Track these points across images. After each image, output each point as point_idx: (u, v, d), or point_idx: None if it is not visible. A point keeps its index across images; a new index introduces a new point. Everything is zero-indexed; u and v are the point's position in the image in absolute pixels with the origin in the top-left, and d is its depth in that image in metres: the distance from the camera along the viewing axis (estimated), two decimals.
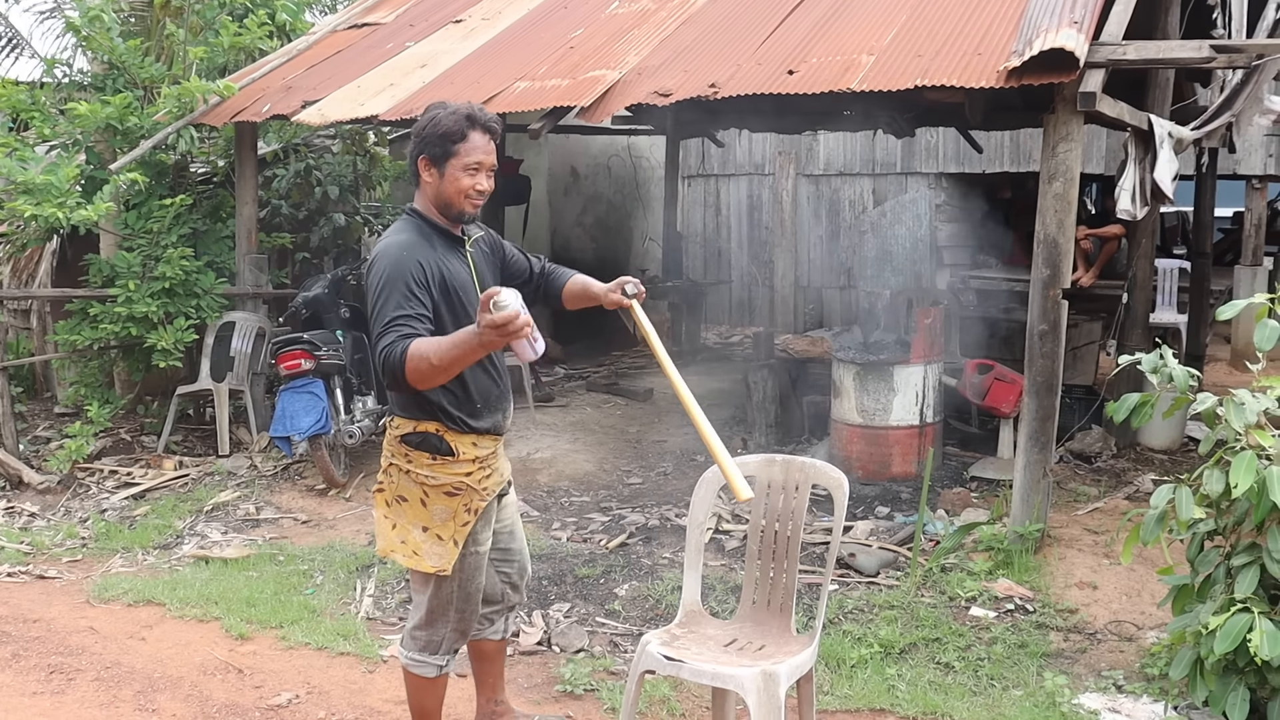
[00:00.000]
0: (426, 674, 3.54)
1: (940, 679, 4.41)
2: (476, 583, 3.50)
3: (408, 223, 3.42)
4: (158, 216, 7.80)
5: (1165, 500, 3.83)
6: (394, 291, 3.16)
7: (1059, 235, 5.09)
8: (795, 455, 7.52)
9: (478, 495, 3.41)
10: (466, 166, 3.30)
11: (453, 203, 3.35)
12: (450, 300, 3.31)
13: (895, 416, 6.81)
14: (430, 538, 3.40)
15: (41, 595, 5.52)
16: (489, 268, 3.57)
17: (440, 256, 3.33)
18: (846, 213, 12.18)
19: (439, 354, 3.02)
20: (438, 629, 3.50)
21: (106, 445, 8.09)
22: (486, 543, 3.51)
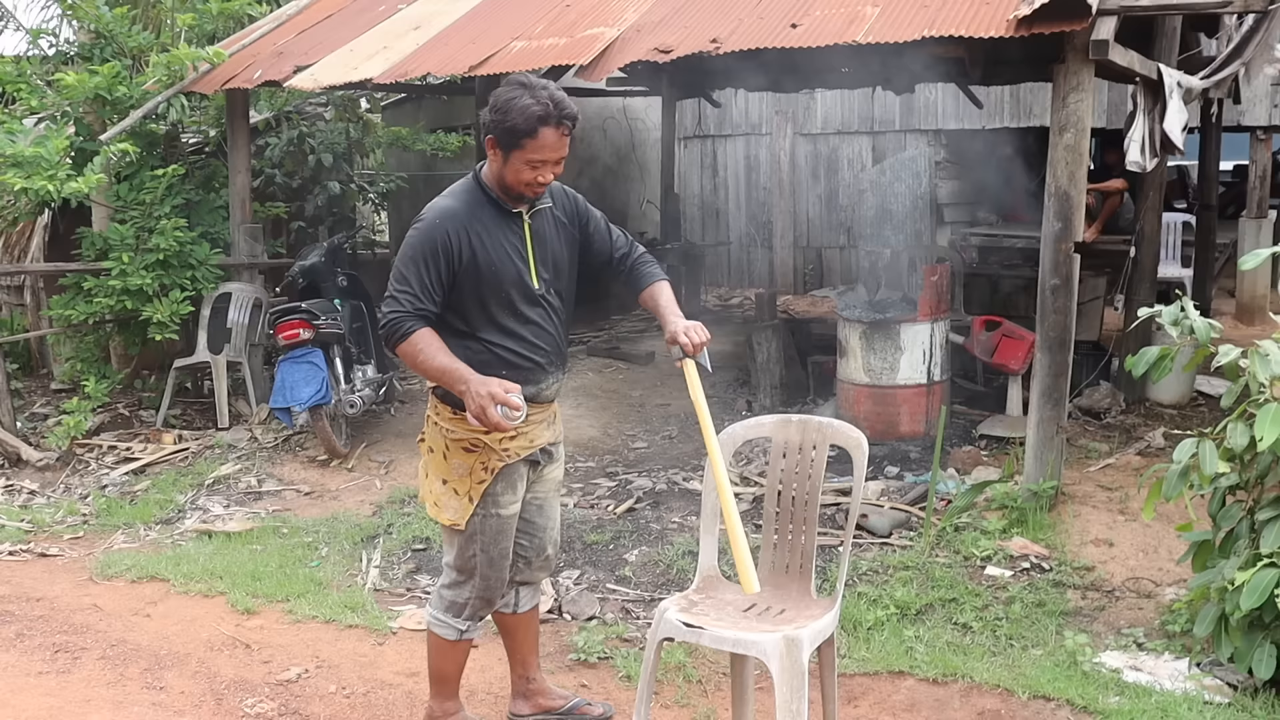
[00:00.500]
0: (447, 635, 3.51)
1: (958, 640, 4.36)
2: (502, 547, 3.44)
3: (464, 187, 3.38)
4: (150, 188, 7.68)
5: (1188, 455, 3.76)
6: (417, 258, 3.22)
7: (1070, 188, 5.00)
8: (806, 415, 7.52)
9: (496, 455, 3.35)
10: (531, 161, 3.20)
11: (511, 188, 3.28)
12: (476, 274, 3.27)
13: (903, 375, 6.73)
14: (449, 491, 3.41)
15: (44, 573, 5.45)
16: (558, 239, 3.46)
17: (482, 229, 3.28)
18: (845, 171, 12.04)
19: (427, 363, 3.19)
20: (462, 590, 3.47)
21: (105, 420, 8.00)
22: (511, 507, 3.45)
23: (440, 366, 3.17)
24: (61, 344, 8.67)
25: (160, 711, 3.97)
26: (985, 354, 6.77)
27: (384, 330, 3.24)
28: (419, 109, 12.70)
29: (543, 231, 3.42)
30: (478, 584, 3.45)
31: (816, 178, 12.26)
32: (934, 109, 11.09)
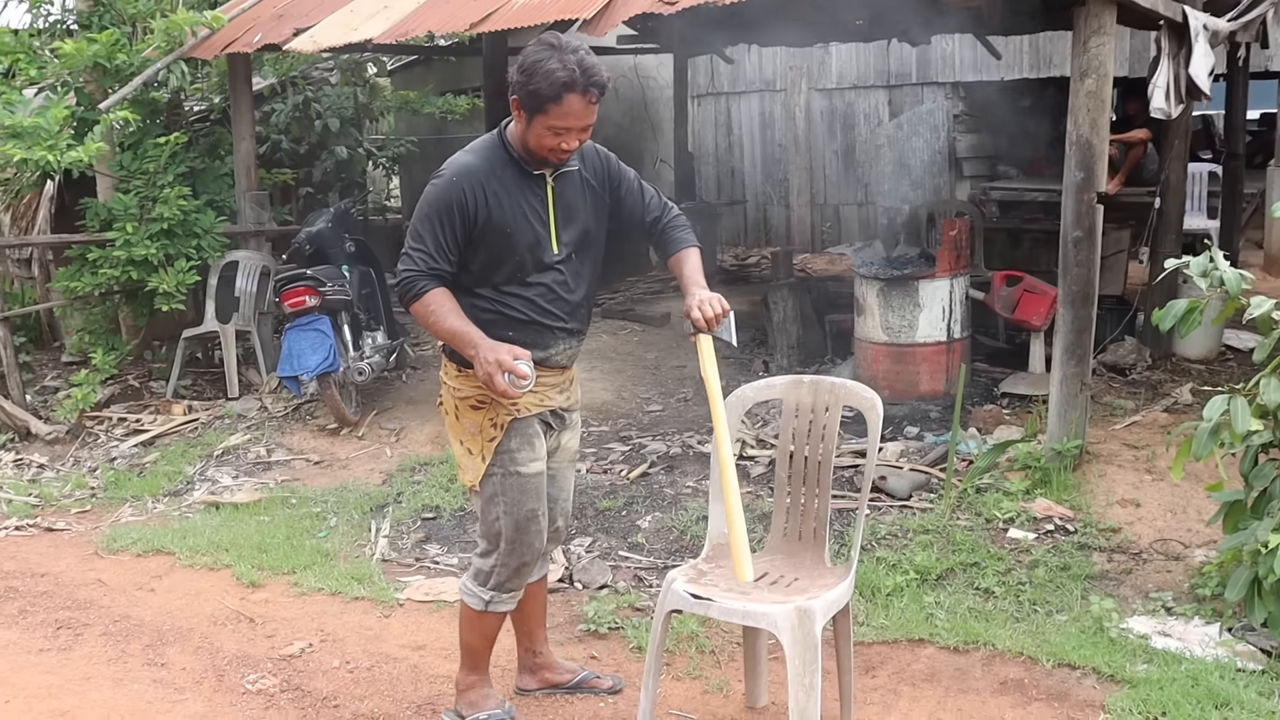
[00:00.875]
0: (473, 605, 3.41)
1: (980, 605, 4.23)
2: (528, 509, 3.31)
3: (486, 144, 3.24)
4: (153, 156, 7.55)
5: (1219, 412, 3.60)
6: (433, 216, 3.14)
7: (1093, 136, 4.81)
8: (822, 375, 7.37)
9: (504, 410, 3.24)
10: (554, 128, 3.05)
11: (534, 151, 3.14)
12: (492, 235, 3.16)
13: (922, 333, 6.57)
14: (465, 452, 3.35)
15: (50, 548, 5.38)
16: (584, 203, 3.31)
17: (500, 188, 3.16)
18: (862, 127, 11.81)
19: (438, 324, 3.13)
20: (489, 558, 3.37)
21: (115, 393, 7.93)
22: (532, 465, 3.31)
23: (451, 329, 3.11)
24: (71, 316, 8.58)
25: (161, 689, 3.89)
26: (1006, 310, 6.59)
27: (398, 288, 3.18)
28: (428, 72, 12.52)
29: (567, 195, 3.27)
30: (504, 550, 3.33)
31: (833, 134, 12.03)
32: (951, 61, 10.83)
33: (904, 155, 11.30)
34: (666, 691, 3.73)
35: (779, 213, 12.71)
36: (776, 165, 12.61)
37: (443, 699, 3.72)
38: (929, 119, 11.03)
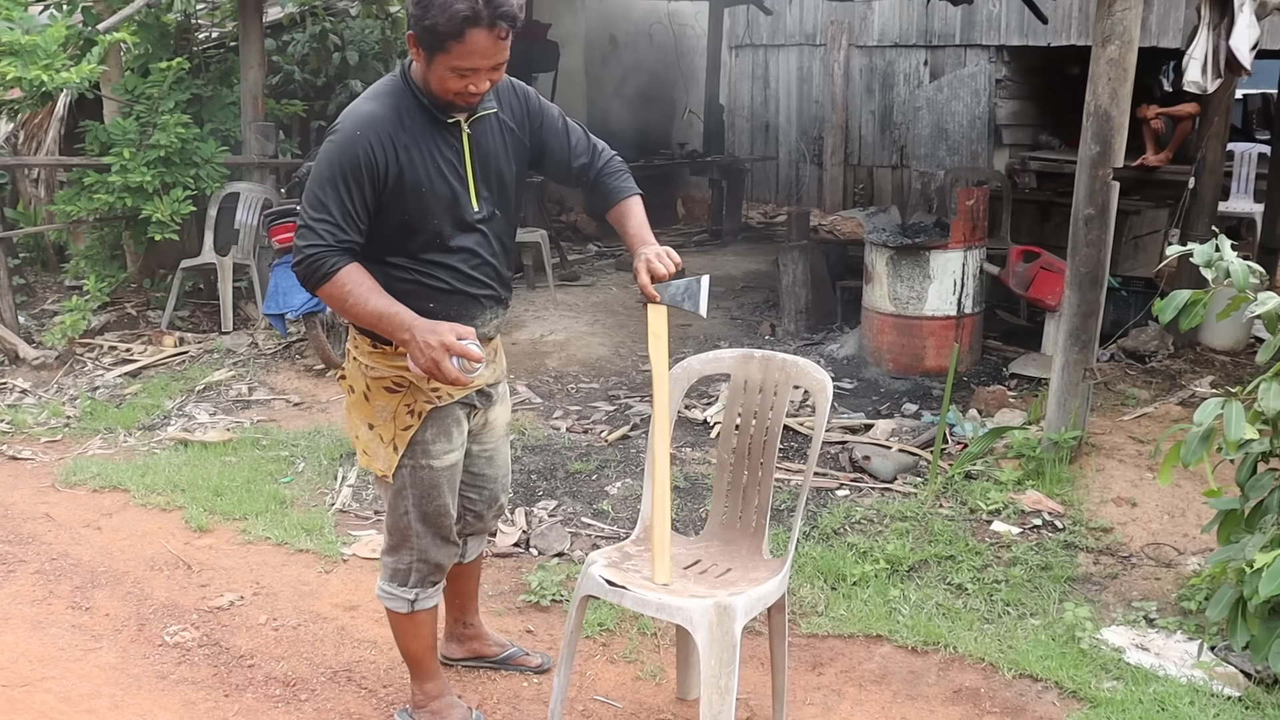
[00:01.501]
0: (398, 609, 3.08)
1: (949, 603, 3.97)
2: (437, 504, 2.98)
3: (388, 87, 2.80)
4: (155, 81, 7.36)
5: (1212, 416, 3.30)
6: (335, 178, 2.68)
7: (1112, 107, 4.46)
8: (823, 344, 7.10)
9: (424, 395, 2.89)
10: (458, 69, 2.63)
11: (437, 96, 2.72)
12: (402, 196, 2.75)
13: (930, 305, 6.26)
14: (375, 437, 2.97)
15: (9, 478, 5.25)
16: (504, 150, 2.91)
17: (410, 141, 2.73)
18: (901, 87, 11.39)
19: (357, 307, 2.71)
20: (401, 555, 3.04)
21: (111, 320, 7.82)
22: (447, 458, 2.97)
23: (375, 311, 2.69)
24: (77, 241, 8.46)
25: (78, 635, 3.74)
26: (1021, 287, 6.26)
27: (300, 269, 2.70)
28: None
29: (485, 142, 2.86)
30: (416, 545, 3.01)
31: (871, 93, 11.62)
32: (997, 23, 10.37)
33: (942, 119, 10.90)
34: (598, 674, 3.53)
35: (811, 171, 12.34)
36: (812, 123, 12.23)
37: (362, 665, 3.55)
38: (970, 83, 10.62)
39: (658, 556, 2.83)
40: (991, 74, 10.39)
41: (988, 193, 6.46)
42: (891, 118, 11.54)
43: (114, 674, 3.49)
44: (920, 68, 11.16)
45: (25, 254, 9.09)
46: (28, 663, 3.56)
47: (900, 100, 11.41)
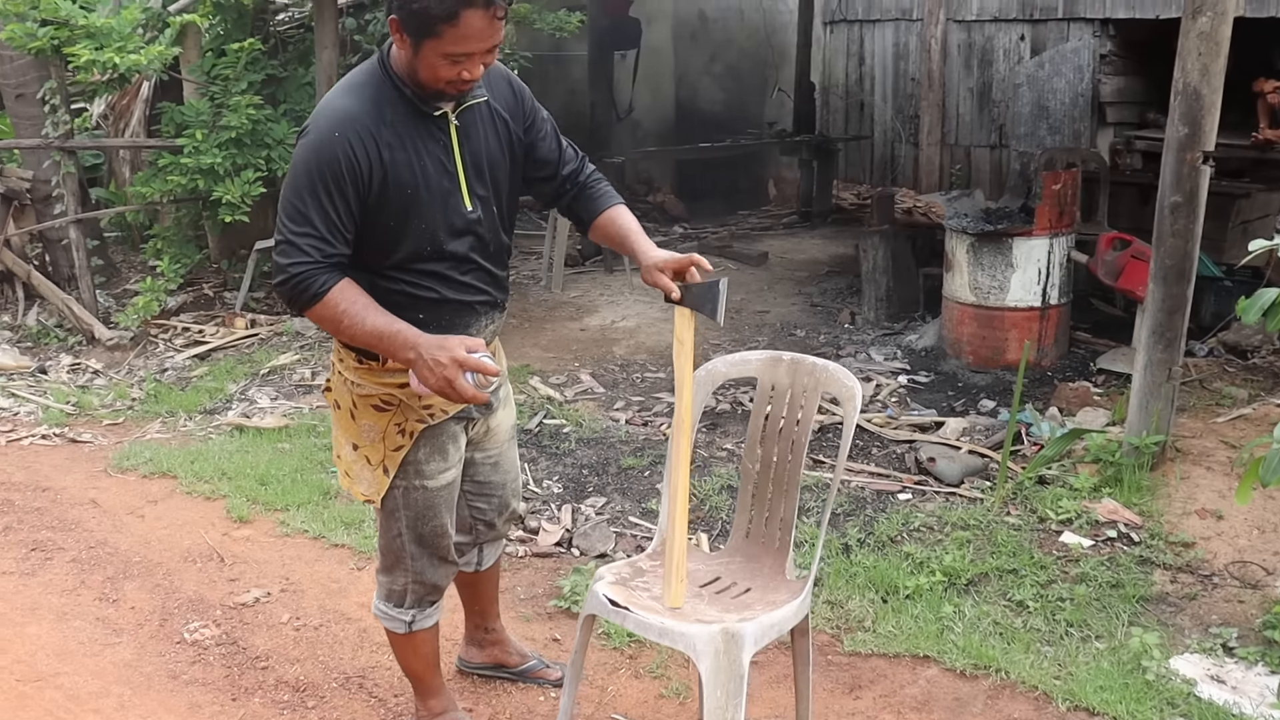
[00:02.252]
0: (395, 629, 2.92)
1: (1007, 621, 3.69)
2: (433, 525, 2.79)
3: (365, 78, 2.55)
4: (228, 63, 7.35)
5: None
6: (315, 186, 2.43)
7: (1202, 85, 4.09)
8: (902, 334, 6.78)
9: (415, 414, 2.68)
10: (450, 54, 2.40)
11: (425, 86, 2.49)
12: (391, 200, 2.52)
13: (1013, 296, 5.91)
14: (360, 459, 2.75)
15: (66, 460, 5.28)
16: (497, 141, 2.68)
17: (394, 138, 2.50)
18: (1000, 64, 10.87)
19: (355, 327, 2.47)
20: (396, 576, 2.87)
21: (188, 300, 7.88)
22: (440, 477, 2.77)
23: (374, 330, 2.46)
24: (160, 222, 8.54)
25: (99, 628, 3.69)
26: (1110, 276, 5.86)
27: (286, 290, 2.47)
28: None
29: (475, 134, 2.63)
30: (411, 566, 2.83)
31: (969, 69, 11.13)
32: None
33: (1043, 97, 10.38)
34: (620, 689, 3.35)
35: (907, 151, 11.90)
36: (908, 100, 11.78)
37: (376, 672, 3.42)
38: (1073, 58, 10.08)
39: (670, 578, 2.62)
40: (1096, 49, 9.83)
41: (1077, 175, 6.07)
42: (990, 95, 11.04)
43: (127, 672, 3.43)
44: (1020, 43, 10.65)
45: (115, 234, 9.23)
46: (45, 657, 3.52)
47: (999, 77, 10.90)
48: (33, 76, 7.55)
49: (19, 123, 7.75)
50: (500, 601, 3.73)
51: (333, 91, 2.57)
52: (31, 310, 7.59)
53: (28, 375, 6.56)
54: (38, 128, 7.55)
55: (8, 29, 6.82)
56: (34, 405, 6.00)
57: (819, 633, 3.66)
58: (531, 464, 5.08)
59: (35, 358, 6.90)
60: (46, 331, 7.30)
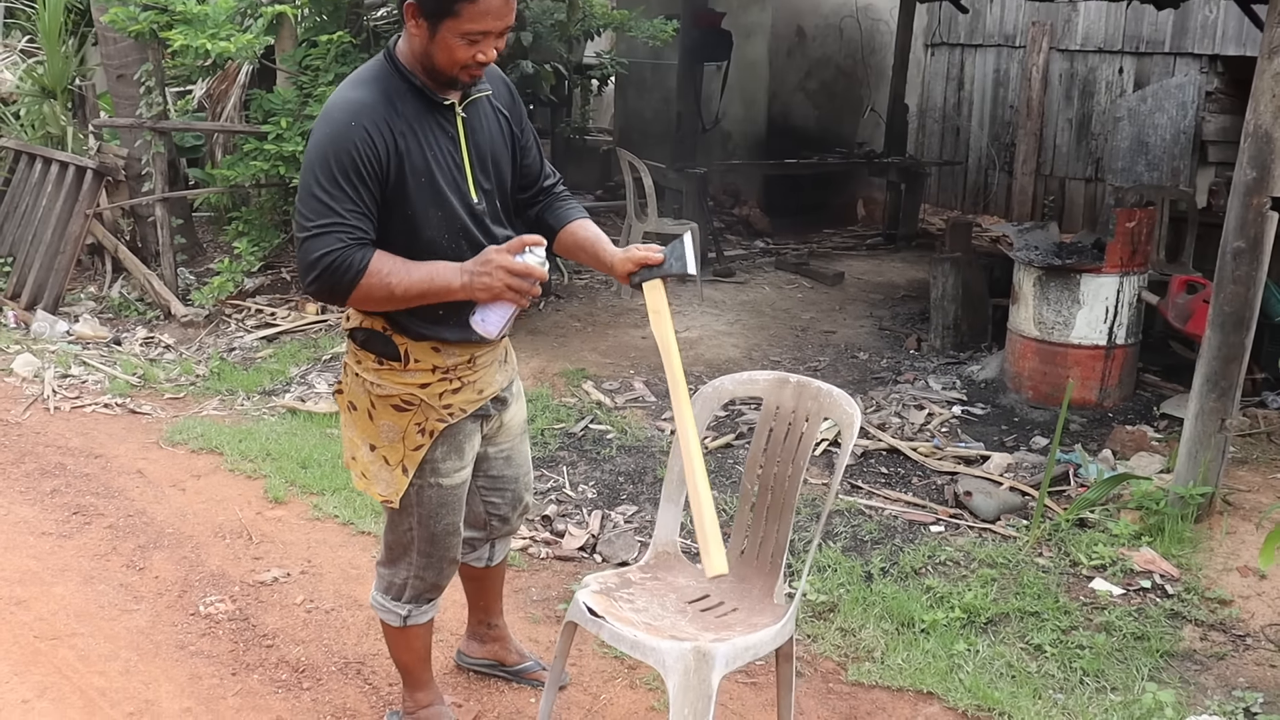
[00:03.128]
0: (390, 622, 2.94)
1: (1022, 664, 3.59)
2: (445, 523, 2.81)
3: (373, 72, 2.58)
4: (318, 53, 7.52)
5: None
6: (335, 175, 2.44)
7: (1275, 127, 3.94)
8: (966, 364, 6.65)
9: (436, 414, 2.70)
10: (468, 34, 2.44)
11: (442, 71, 2.52)
12: (407, 188, 2.54)
13: (1077, 333, 5.76)
14: (378, 459, 2.76)
15: (123, 430, 5.45)
16: (499, 136, 2.73)
17: (406, 124, 2.53)
18: (1101, 95, 10.62)
19: (406, 282, 2.48)
20: (398, 569, 2.88)
21: (265, 283, 8.07)
22: (456, 475, 2.79)
23: (423, 277, 2.48)
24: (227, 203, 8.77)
25: (121, 594, 3.80)
26: (1180, 320, 5.67)
27: (324, 280, 2.44)
28: None
29: (480, 127, 2.67)
30: (415, 562, 2.85)
31: (1069, 99, 10.90)
32: (1211, 30, 9.52)
33: (1143, 132, 10.11)
34: (613, 698, 3.33)
35: (1000, 179, 11.70)
36: (1005, 128, 11.58)
37: (375, 660, 3.46)
38: (1177, 94, 9.81)
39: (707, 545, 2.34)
40: (1201, 85, 9.55)
41: (1154, 214, 5.90)
42: (1089, 127, 10.80)
43: (138, 638, 3.52)
44: (1125, 75, 10.38)
45: (207, 213, 9.50)
46: (65, 617, 3.63)
47: (1100, 109, 10.65)
48: (134, 58, 7.82)
49: (119, 102, 8.03)
50: (512, 600, 3.78)
51: (342, 87, 2.58)
52: (116, 283, 7.86)
53: (103, 345, 6.79)
54: (136, 108, 7.82)
55: (111, 11, 7.08)
56: (102, 375, 6.20)
57: (824, 659, 3.61)
58: (570, 467, 5.10)
59: (113, 329, 7.14)
60: (128, 304, 7.55)
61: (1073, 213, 11.09)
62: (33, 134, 8.64)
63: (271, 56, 8.12)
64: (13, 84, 9.07)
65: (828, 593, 3.97)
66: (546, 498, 4.78)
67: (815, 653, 3.64)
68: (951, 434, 5.55)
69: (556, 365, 6.35)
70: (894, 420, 5.66)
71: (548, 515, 4.63)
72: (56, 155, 7.79)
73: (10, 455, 5.01)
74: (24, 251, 7.60)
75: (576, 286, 8.29)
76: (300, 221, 2.47)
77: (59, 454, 5.04)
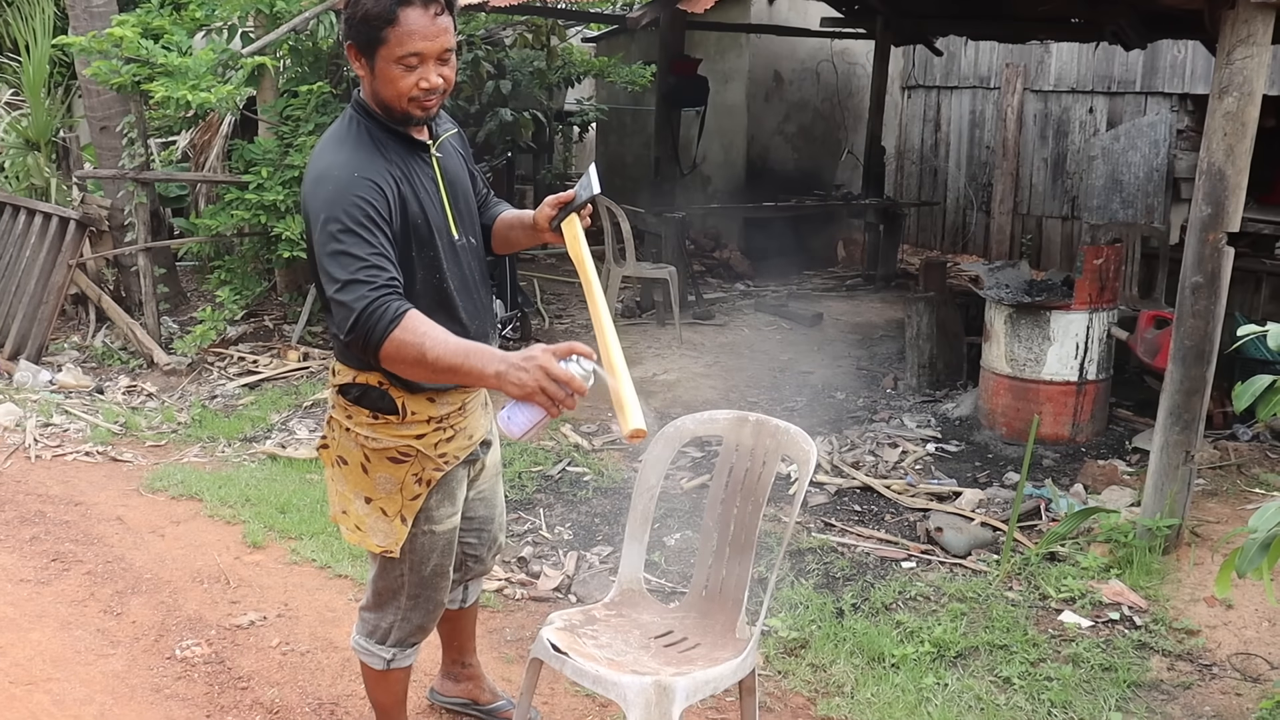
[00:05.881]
0: (372, 664, 2.94)
1: (990, 697, 3.63)
2: (435, 566, 2.84)
3: (350, 126, 2.61)
4: (299, 104, 7.63)
5: (1272, 524, 2.89)
6: (353, 225, 2.42)
7: (1227, 165, 4.04)
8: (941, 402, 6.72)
9: (432, 464, 2.73)
10: (400, 59, 2.47)
11: (392, 105, 2.55)
12: (414, 228, 2.57)
13: (1049, 369, 5.84)
14: (374, 511, 2.76)
15: (103, 478, 5.48)
16: (464, 173, 2.83)
17: (398, 169, 2.57)
18: (1075, 135, 10.79)
19: (437, 353, 2.37)
20: (385, 614, 2.89)
21: (248, 331, 8.13)
22: (448, 521, 2.82)
23: (460, 351, 2.38)
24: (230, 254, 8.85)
25: (98, 639, 3.83)
26: (1149, 355, 5.76)
27: (361, 328, 2.36)
28: (631, 41, 12.29)
29: (450, 165, 2.76)
30: (404, 605, 2.86)
31: (1044, 139, 11.06)
32: (1181, 69, 9.70)
33: (1117, 170, 10.27)
34: None
35: (979, 219, 11.84)
36: (982, 168, 11.74)
37: (350, 701, 3.50)
38: (1149, 132, 9.98)
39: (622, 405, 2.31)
40: (1173, 124, 9.72)
41: (1120, 251, 6.00)
42: (1064, 166, 10.96)
43: (114, 682, 3.55)
44: (1097, 115, 10.55)
45: (191, 262, 9.58)
46: (42, 662, 3.66)
47: (1074, 148, 10.82)
48: (116, 110, 7.93)
49: (102, 153, 8.13)
50: (486, 640, 3.81)
51: (324, 151, 2.59)
52: (100, 332, 7.91)
53: (86, 394, 6.83)
54: (119, 159, 7.91)
55: (94, 65, 7.19)
56: (84, 423, 6.24)
57: (795, 694, 3.64)
58: (547, 509, 5.14)
59: (96, 378, 7.19)
60: (111, 353, 7.60)
61: (1050, 251, 11.23)
62: (16, 185, 8.73)
63: (253, 107, 8.24)
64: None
65: (799, 629, 4.01)
66: (523, 539, 4.83)
67: (786, 688, 3.68)
68: (925, 471, 5.61)
69: None
70: (868, 458, 5.72)
71: (523, 556, 4.67)
72: (40, 206, 7.87)
73: None
74: (7, 302, 7.66)
75: (556, 330, 8.36)
76: (326, 278, 2.44)
77: (39, 502, 5.08)
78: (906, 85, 12.38)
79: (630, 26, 6.13)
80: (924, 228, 12.49)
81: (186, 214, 9.53)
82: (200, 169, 9.23)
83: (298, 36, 7.63)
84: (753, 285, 10.61)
